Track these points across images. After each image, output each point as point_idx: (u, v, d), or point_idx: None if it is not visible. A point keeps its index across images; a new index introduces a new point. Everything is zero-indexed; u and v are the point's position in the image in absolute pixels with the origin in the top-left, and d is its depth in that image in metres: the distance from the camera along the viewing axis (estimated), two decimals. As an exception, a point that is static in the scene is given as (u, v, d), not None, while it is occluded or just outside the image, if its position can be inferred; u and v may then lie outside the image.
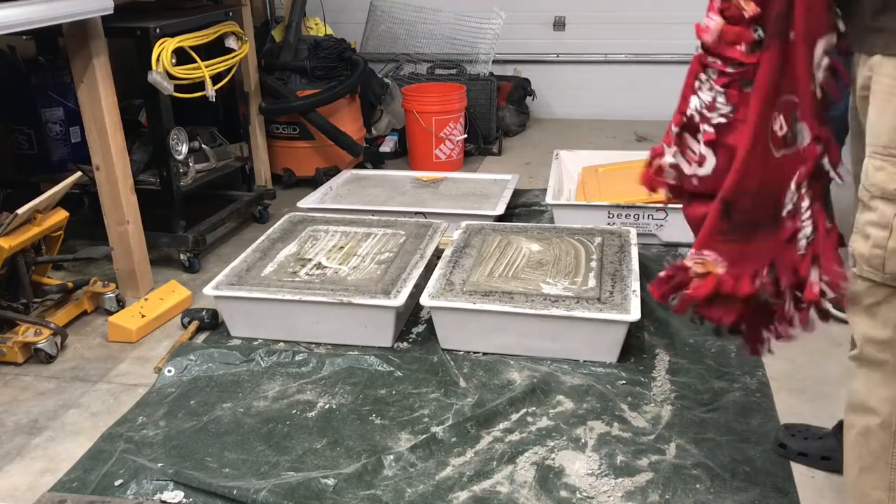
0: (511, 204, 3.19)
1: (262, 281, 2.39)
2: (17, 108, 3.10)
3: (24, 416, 2.06)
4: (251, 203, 3.32)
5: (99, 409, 2.08)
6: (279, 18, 4.13)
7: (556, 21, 4.71)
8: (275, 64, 3.68)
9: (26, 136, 3.11)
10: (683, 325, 2.35)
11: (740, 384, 2.05)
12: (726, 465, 1.76)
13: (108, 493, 1.74)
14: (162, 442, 1.91)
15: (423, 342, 2.32)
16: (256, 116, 3.53)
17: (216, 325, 2.47)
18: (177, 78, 2.74)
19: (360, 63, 3.75)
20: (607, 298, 2.18)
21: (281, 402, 2.05)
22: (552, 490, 1.71)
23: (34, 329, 2.31)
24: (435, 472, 1.77)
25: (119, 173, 2.56)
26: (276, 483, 1.72)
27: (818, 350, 2.21)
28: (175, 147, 2.85)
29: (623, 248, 2.48)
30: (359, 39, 4.56)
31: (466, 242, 2.57)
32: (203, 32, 2.91)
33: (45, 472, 1.84)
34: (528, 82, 4.68)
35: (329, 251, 2.60)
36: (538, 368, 2.14)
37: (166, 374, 2.18)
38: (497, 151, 4.24)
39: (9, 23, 2.03)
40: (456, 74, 4.34)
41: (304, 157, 3.78)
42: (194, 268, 2.89)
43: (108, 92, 2.47)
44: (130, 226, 2.63)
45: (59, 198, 2.43)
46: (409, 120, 3.93)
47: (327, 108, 3.64)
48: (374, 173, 3.69)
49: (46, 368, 2.28)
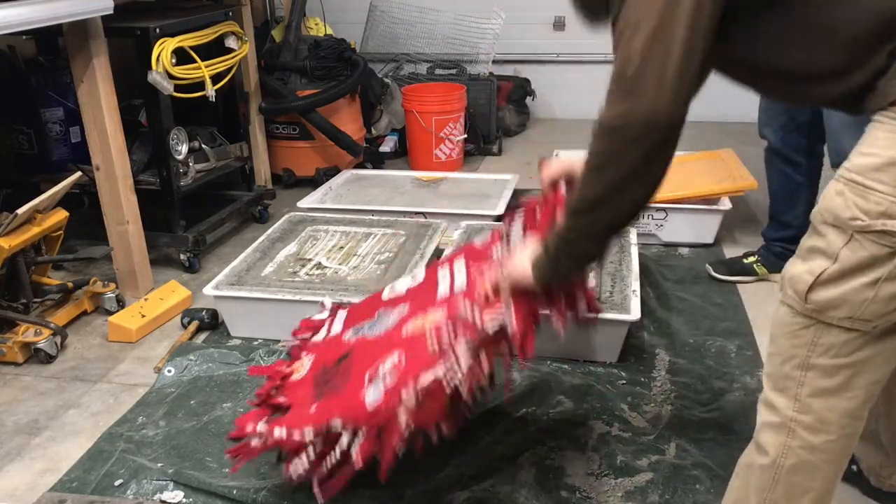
0: (511, 204, 3.19)
1: (262, 281, 2.39)
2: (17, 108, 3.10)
3: (24, 416, 2.06)
4: (251, 203, 3.32)
5: (99, 409, 2.08)
6: (279, 18, 4.13)
7: (556, 21, 4.72)
8: (275, 64, 3.68)
9: (26, 136, 3.11)
10: (683, 325, 2.35)
11: (740, 384, 2.05)
12: (726, 465, 1.75)
13: (108, 493, 1.74)
14: (162, 442, 1.91)
15: (423, 342, 2.31)
16: (256, 116, 3.53)
17: (216, 325, 2.47)
18: (177, 78, 2.74)
19: (360, 63, 3.75)
20: (607, 298, 2.18)
21: (281, 402, 2.05)
22: (552, 490, 1.71)
23: (34, 329, 2.31)
24: (435, 471, 1.77)
25: (119, 173, 2.56)
26: (276, 483, 1.72)
27: (818, 350, 2.21)
28: (175, 147, 2.85)
29: (623, 248, 2.48)
30: (359, 39, 4.56)
31: (467, 242, 2.57)
32: (203, 32, 2.91)
33: (45, 472, 1.84)
34: (528, 82, 4.68)
35: (329, 251, 2.60)
36: (538, 368, 2.14)
37: (166, 374, 2.17)
38: (497, 151, 4.24)
39: (9, 23, 2.03)
40: (456, 74, 4.34)
41: (304, 157, 3.78)
42: (194, 268, 2.89)
43: (108, 92, 2.47)
44: (130, 226, 2.63)
45: (59, 198, 2.43)
46: (409, 120, 3.93)
47: (327, 108, 3.64)
48: (374, 173, 3.69)
49: (46, 368, 2.28)
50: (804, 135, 2.42)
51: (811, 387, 1.21)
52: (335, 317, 1.89)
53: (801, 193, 2.51)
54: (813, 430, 1.23)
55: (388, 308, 1.75)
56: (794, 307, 1.20)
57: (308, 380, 1.67)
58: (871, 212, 1.10)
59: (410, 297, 1.74)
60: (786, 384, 1.24)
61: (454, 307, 1.53)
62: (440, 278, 1.71)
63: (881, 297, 1.13)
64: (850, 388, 1.20)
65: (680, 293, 2.55)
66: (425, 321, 1.55)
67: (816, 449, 1.24)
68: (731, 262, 2.68)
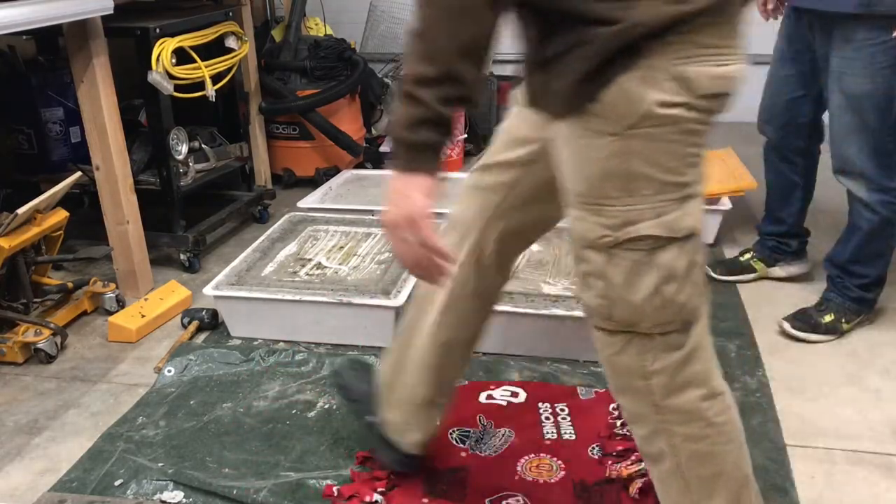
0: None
1: (262, 281, 2.39)
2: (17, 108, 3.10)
3: (24, 416, 2.06)
4: (251, 203, 3.32)
5: (99, 409, 2.08)
6: (279, 18, 4.13)
7: (556, 21, 4.71)
8: (275, 64, 3.67)
9: (26, 136, 3.11)
10: (683, 324, 2.35)
11: (740, 384, 2.05)
12: (726, 464, 1.75)
13: (108, 493, 1.74)
14: (162, 442, 1.91)
15: (423, 342, 2.31)
16: (256, 116, 3.53)
17: (216, 325, 2.47)
18: (177, 78, 2.74)
19: (360, 63, 3.75)
20: (607, 298, 2.17)
21: (281, 401, 2.05)
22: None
23: (34, 329, 2.31)
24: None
25: (119, 173, 2.56)
26: (276, 483, 1.72)
27: (818, 350, 2.21)
28: (175, 147, 2.85)
29: (623, 248, 2.47)
30: (359, 39, 4.56)
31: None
32: (203, 32, 2.91)
33: (45, 472, 1.84)
34: (528, 82, 4.67)
35: (329, 251, 2.60)
36: (538, 368, 2.14)
37: (166, 374, 2.17)
38: (497, 151, 4.23)
39: (9, 23, 2.03)
40: (456, 74, 4.33)
41: (304, 157, 3.78)
42: (194, 268, 2.89)
43: (108, 92, 2.47)
44: (130, 226, 2.63)
45: (59, 198, 2.43)
46: (409, 120, 3.92)
47: (327, 108, 3.63)
48: (374, 173, 3.69)
49: (46, 368, 2.28)
50: (803, 136, 2.43)
51: (660, 390, 1.23)
52: None
53: (796, 191, 2.53)
54: (683, 422, 1.25)
55: (490, 424, 1.88)
56: (607, 328, 1.22)
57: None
58: (613, 225, 1.12)
59: (512, 423, 1.89)
60: (637, 397, 1.26)
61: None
62: (541, 413, 1.91)
63: (668, 299, 1.16)
64: (694, 376, 1.23)
65: (680, 293, 2.55)
66: (540, 471, 1.72)
67: (697, 436, 1.25)
68: (730, 262, 2.68)
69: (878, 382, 2.07)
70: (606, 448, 1.76)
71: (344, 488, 1.69)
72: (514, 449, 1.80)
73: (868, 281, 2.27)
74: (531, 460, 1.76)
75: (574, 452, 1.77)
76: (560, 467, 1.73)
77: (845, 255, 2.28)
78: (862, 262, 2.26)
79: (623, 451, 1.73)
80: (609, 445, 1.76)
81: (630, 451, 1.71)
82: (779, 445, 1.82)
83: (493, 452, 1.79)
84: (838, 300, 2.30)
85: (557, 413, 1.92)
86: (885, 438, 1.85)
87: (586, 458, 1.75)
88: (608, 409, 1.90)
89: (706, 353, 1.25)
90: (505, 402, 1.97)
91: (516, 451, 1.79)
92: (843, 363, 2.16)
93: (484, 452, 1.79)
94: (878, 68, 2.03)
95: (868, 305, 2.32)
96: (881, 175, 2.13)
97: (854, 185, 2.18)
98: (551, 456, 1.77)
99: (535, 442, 1.82)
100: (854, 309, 2.29)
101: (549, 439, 1.83)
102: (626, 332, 1.20)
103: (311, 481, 1.73)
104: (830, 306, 2.30)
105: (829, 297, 2.33)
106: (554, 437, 1.84)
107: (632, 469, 1.64)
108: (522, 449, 1.80)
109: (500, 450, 1.80)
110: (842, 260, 2.29)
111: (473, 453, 1.79)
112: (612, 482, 1.65)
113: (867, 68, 2.04)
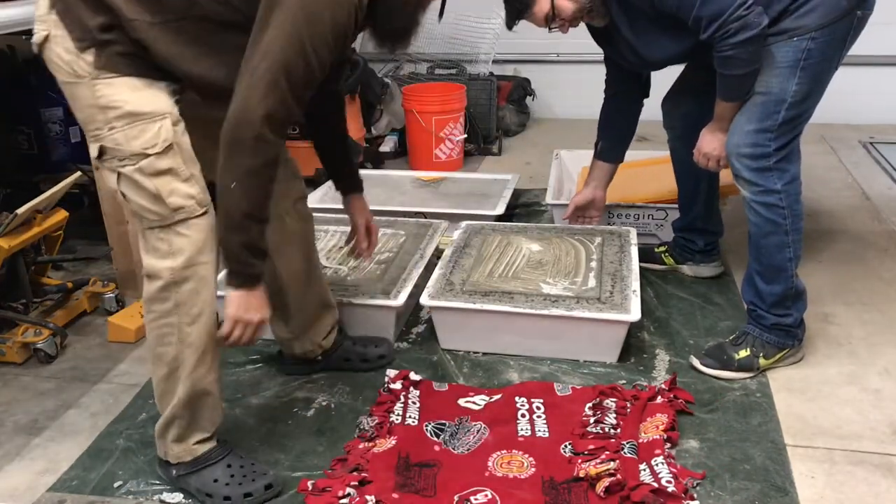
0: (511, 204, 3.19)
1: (262, 281, 2.39)
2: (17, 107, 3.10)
3: (23, 416, 2.06)
4: (251, 203, 3.31)
5: (98, 409, 2.08)
6: (279, 18, 4.12)
7: (556, 21, 4.71)
8: (275, 64, 3.67)
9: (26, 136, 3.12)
10: (683, 325, 2.35)
11: (740, 384, 2.05)
12: (726, 464, 1.76)
13: (107, 493, 1.74)
14: (162, 442, 1.90)
15: (423, 342, 2.32)
16: (256, 116, 3.52)
17: (216, 325, 2.46)
18: (177, 78, 2.73)
19: (360, 63, 3.75)
20: (607, 298, 2.17)
21: (280, 400, 2.05)
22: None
23: (34, 329, 2.31)
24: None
25: (119, 173, 2.55)
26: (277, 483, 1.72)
27: (818, 350, 2.21)
28: (175, 147, 2.84)
29: (623, 247, 2.48)
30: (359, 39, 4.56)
31: (466, 242, 2.57)
32: (203, 32, 2.90)
33: (45, 472, 1.84)
34: (528, 82, 4.68)
35: (329, 251, 2.60)
36: (538, 368, 2.14)
37: (166, 374, 2.17)
38: (497, 151, 4.24)
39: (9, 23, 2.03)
40: (456, 74, 4.34)
41: (304, 157, 3.74)
42: (194, 268, 2.88)
43: (107, 92, 2.46)
44: (130, 226, 2.63)
45: (59, 198, 2.43)
46: (409, 120, 3.93)
47: (327, 108, 3.63)
48: (374, 173, 3.69)
49: (46, 368, 2.28)
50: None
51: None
52: (408, 394, 2.01)
53: (700, 184, 2.49)
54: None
55: (466, 419, 1.91)
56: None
57: (390, 463, 1.74)
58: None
59: (488, 418, 1.91)
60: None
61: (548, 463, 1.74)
62: (518, 408, 1.93)
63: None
64: (194, 308, 1.63)
65: (680, 293, 2.55)
66: (510, 467, 1.74)
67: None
68: (647, 250, 2.69)
69: (878, 382, 2.07)
70: (577, 447, 1.77)
71: (318, 482, 1.70)
72: (486, 445, 1.81)
73: (775, 300, 2.05)
74: (503, 456, 1.77)
75: (546, 450, 1.78)
76: (531, 464, 1.74)
77: (750, 272, 2.09)
78: (765, 279, 2.05)
79: (594, 449, 1.74)
80: (580, 444, 1.77)
81: (601, 449, 1.73)
82: (779, 445, 1.82)
83: (467, 450, 1.80)
84: (755, 332, 2.09)
85: (534, 410, 1.93)
86: (885, 438, 1.85)
87: (558, 456, 1.76)
88: (583, 408, 1.91)
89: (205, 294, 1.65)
90: (483, 404, 1.98)
91: (489, 446, 1.80)
92: (843, 363, 2.16)
93: (457, 449, 1.80)
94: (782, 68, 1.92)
95: (789, 336, 2.08)
96: (762, 175, 1.98)
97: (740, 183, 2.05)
98: (523, 452, 1.78)
99: (508, 438, 1.83)
100: (773, 341, 2.07)
101: (523, 436, 1.84)
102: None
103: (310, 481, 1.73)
104: (747, 340, 2.09)
105: (747, 329, 2.11)
106: (528, 433, 1.84)
107: (600, 468, 1.65)
108: (495, 444, 1.81)
109: (474, 447, 1.80)
110: (749, 277, 2.10)
111: (446, 448, 1.80)
112: (581, 480, 1.67)
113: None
